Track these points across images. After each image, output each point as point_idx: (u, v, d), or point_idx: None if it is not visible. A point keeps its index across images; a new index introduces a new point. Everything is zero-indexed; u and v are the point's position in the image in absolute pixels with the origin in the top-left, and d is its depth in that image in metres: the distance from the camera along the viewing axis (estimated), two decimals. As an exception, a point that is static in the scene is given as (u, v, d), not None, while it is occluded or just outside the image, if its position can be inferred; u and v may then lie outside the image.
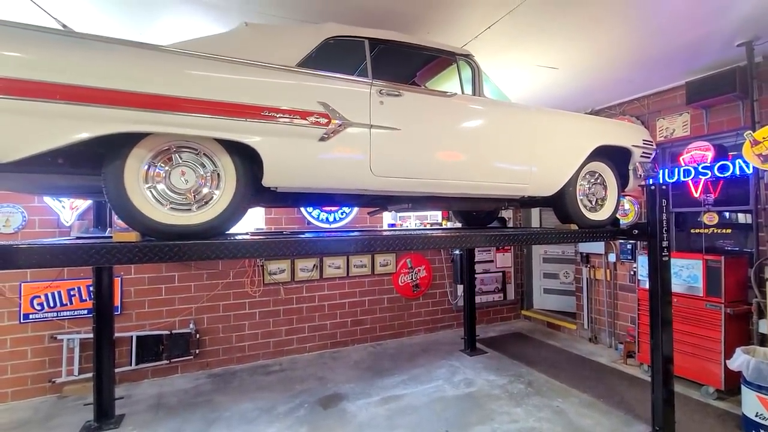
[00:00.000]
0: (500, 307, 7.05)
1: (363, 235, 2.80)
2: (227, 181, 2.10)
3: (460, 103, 2.68)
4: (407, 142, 2.42)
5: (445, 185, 2.60)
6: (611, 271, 5.54)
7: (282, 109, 2.06)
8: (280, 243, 2.22)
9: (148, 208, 1.95)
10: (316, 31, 2.40)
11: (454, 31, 3.25)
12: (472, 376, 4.65)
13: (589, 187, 3.32)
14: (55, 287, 4.32)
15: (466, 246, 5.10)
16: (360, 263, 5.83)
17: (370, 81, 2.39)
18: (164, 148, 2.00)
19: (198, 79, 1.96)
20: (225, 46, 2.16)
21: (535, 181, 2.90)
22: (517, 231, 3.36)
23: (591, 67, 4.16)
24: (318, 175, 2.21)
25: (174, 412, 3.86)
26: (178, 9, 2.81)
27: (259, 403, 4.03)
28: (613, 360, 5.07)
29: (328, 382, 4.51)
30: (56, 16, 2.76)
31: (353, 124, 2.26)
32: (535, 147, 2.89)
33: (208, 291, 4.94)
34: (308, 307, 5.51)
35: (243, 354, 5.11)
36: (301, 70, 2.20)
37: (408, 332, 6.17)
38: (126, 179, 1.90)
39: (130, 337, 4.54)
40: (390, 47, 2.71)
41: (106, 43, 1.84)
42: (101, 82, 1.79)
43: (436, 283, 6.39)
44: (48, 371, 4.24)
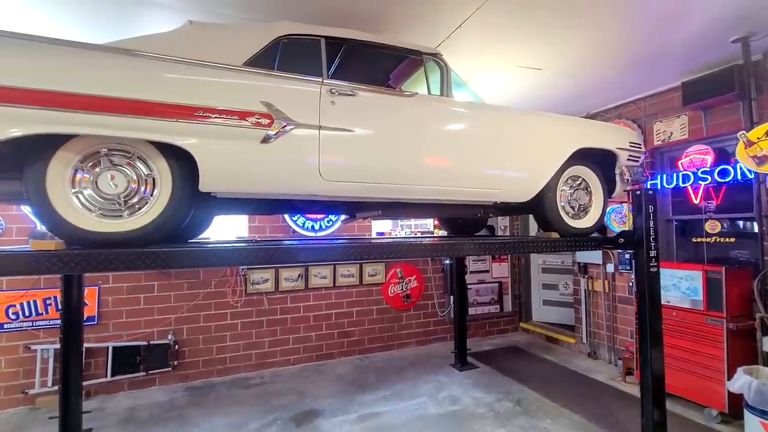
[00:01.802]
0: (497, 320, 6.79)
1: (345, 243, 2.68)
2: (163, 186, 1.98)
3: (421, 103, 2.54)
4: (360, 145, 2.28)
5: (406, 191, 2.45)
6: (610, 282, 5.27)
7: (217, 109, 1.95)
8: (243, 251, 2.10)
9: (73, 214, 1.84)
10: (267, 29, 2.29)
11: (424, 30, 3.12)
12: (459, 392, 4.42)
13: (571, 193, 3.12)
14: (31, 296, 4.26)
15: (447, 254, 4.92)
16: (347, 273, 5.67)
17: (320, 80, 2.27)
18: (93, 151, 1.89)
19: (126, 77, 1.86)
20: (168, 45, 2.07)
21: (507, 186, 2.73)
22: (494, 240, 3.18)
23: (578, 69, 3.99)
24: (260, 179, 2.08)
25: (143, 427, 3.73)
26: (135, 12, 2.75)
27: (231, 419, 3.87)
28: (612, 377, 4.77)
29: (306, 397, 4.33)
30: None
31: (300, 125, 2.13)
32: (506, 150, 2.71)
33: (188, 301, 4.84)
34: (293, 318, 5.35)
35: (224, 366, 4.97)
36: (241, 69, 2.09)
37: (398, 345, 5.96)
38: (48, 184, 1.80)
39: (106, 347, 4.44)
40: (356, 48, 2.60)
41: (28, 41, 1.75)
42: (23, 81, 1.70)
43: (427, 294, 6.18)
44: (21, 382, 4.17)
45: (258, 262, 1.97)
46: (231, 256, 2.03)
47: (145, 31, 2.70)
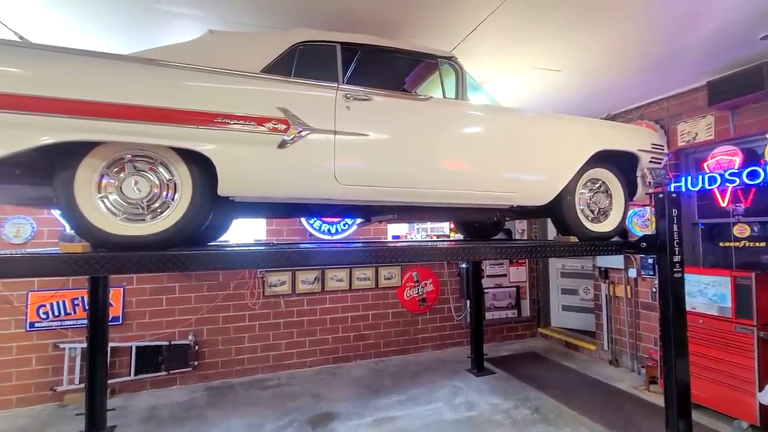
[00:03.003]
0: (514, 325, 6.68)
1: (361, 246, 2.70)
2: (183, 190, 2.04)
3: (436, 107, 2.53)
4: (376, 149, 2.30)
5: (421, 194, 2.44)
6: (632, 287, 5.12)
7: (235, 115, 1.99)
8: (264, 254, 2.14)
9: (99, 218, 1.91)
10: (284, 37, 2.34)
11: (439, 34, 3.12)
12: (475, 398, 4.36)
13: (590, 196, 3.05)
14: (60, 297, 4.43)
15: (464, 258, 4.88)
16: (363, 276, 5.69)
17: (335, 86, 2.29)
18: (118, 157, 1.96)
19: (149, 86, 1.92)
20: (190, 54, 2.13)
21: (524, 189, 2.69)
22: (512, 244, 3.13)
23: (597, 70, 3.91)
24: (277, 184, 2.11)
25: (163, 426, 3.82)
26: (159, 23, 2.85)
27: (249, 419, 3.93)
28: (634, 386, 4.63)
29: (322, 400, 4.35)
30: (14, 29, 2.85)
31: (316, 130, 2.16)
32: (523, 153, 2.68)
33: (208, 302, 4.94)
34: (309, 321, 5.40)
35: (242, 367, 5.05)
36: (260, 75, 2.13)
37: (414, 349, 5.93)
38: (76, 189, 1.87)
39: (130, 347, 4.58)
40: (371, 53, 2.62)
41: (57, 53, 1.84)
42: (52, 91, 1.79)
43: (444, 298, 6.14)
44: (51, 379, 4.33)
45: (275, 264, 2.00)
46: (248, 258, 2.07)
47: (168, 40, 2.79)
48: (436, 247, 2.59)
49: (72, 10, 2.67)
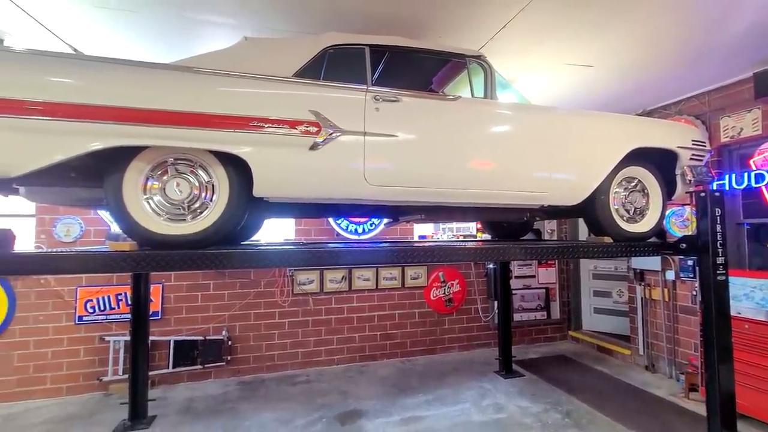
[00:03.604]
0: (543, 327, 6.53)
1: (389, 246, 2.73)
2: (221, 191, 2.14)
3: (464, 106, 2.53)
4: (405, 150, 2.32)
5: (450, 194, 2.45)
6: (670, 290, 4.90)
7: (270, 118, 2.07)
8: (286, 253, 2.22)
9: (144, 218, 2.03)
10: (315, 41, 2.40)
11: (467, 33, 3.11)
12: (504, 400, 4.31)
13: (625, 195, 2.96)
14: (105, 292, 4.71)
15: (492, 258, 4.82)
16: (390, 276, 5.72)
17: (365, 88, 2.33)
18: (162, 161, 2.08)
19: (189, 92, 2.03)
20: (226, 61, 2.23)
21: (555, 189, 2.64)
22: (542, 244, 3.08)
23: (632, 64, 3.77)
24: (309, 185, 2.18)
25: (199, 418, 3.99)
26: (197, 32, 2.99)
27: (279, 414, 4.04)
28: (673, 393, 4.43)
29: (350, 398, 4.42)
30: (69, 42, 3.05)
31: (346, 132, 2.21)
32: (554, 152, 2.63)
33: (240, 299, 5.11)
34: (337, 319, 5.48)
35: (272, 363, 5.19)
36: (292, 80, 2.20)
37: (440, 349, 5.91)
38: (124, 191, 2.00)
39: (168, 341, 4.80)
40: (398, 53, 2.65)
41: (107, 64, 1.97)
42: (102, 99, 1.92)
43: (470, 298, 6.08)
44: (97, 370, 4.60)
45: (307, 263, 2.07)
46: (282, 257, 2.14)
47: (205, 48, 2.91)
48: (464, 247, 2.59)
49: (118, 22, 2.85)
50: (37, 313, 4.46)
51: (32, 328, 4.44)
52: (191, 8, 2.69)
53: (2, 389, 4.30)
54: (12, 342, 4.37)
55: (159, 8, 2.66)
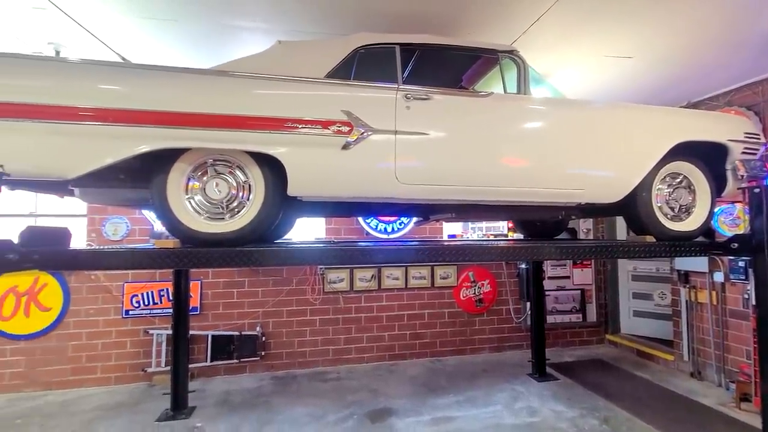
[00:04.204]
0: (579, 330, 6.31)
1: (421, 245, 2.74)
2: (257, 191, 2.21)
3: (497, 103, 2.49)
4: (436, 148, 2.31)
5: (483, 192, 2.41)
6: (718, 293, 4.61)
7: (303, 119, 2.12)
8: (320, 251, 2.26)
9: (187, 217, 2.13)
10: (346, 42, 2.43)
11: (498, 29, 3.05)
12: (537, 404, 4.20)
13: (669, 192, 2.81)
14: (149, 288, 4.97)
15: (526, 258, 4.71)
16: (419, 275, 5.71)
17: (396, 86, 2.34)
18: (202, 162, 2.17)
19: (227, 96, 2.11)
20: (261, 64, 2.31)
21: (593, 186, 2.54)
22: (579, 243, 2.98)
23: (675, 54, 3.58)
24: (341, 184, 2.21)
25: (236, 410, 4.13)
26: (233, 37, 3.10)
27: (311, 410, 4.12)
28: (722, 402, 4.17)
29: (380, 396, 4.44)
30: (118, 51, 3.23)
31: (377, 131, 2.23)
32: (591, 147, 2.54)
33: (273, 297, 5.26)
34: (366, 318, 5.53)
35: (304, 359, 5.31)
36: (324, 80, 2.24)
37: (470, 350, 5.83)
38: (168, 191, 2.11)
39: (206, 335, 5.01)
40: (428, 51, 2.64)
41: (153, 71, 2.08)
42: (147, 104, 2.03)
43: (501, 299, 5.97)
44: (142, 361, 4.87)
45: (341, 261, 2.11)
46: (316, 255, 2.19)
47: (241, 53, 3.01)
48: (498, 246, 2.54)
49: (160, 31, 3.01)
50: (89, 307, 4.78)
51: (84, 320, 4.76)
52: (227, 15, 2.79)
53: (59, 377, 4.64)
54: (67, 333, 4.70)
55: (198, 16, 2.78)
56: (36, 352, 4.62)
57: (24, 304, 4.61)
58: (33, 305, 4.64)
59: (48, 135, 1.92)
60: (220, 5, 2.68)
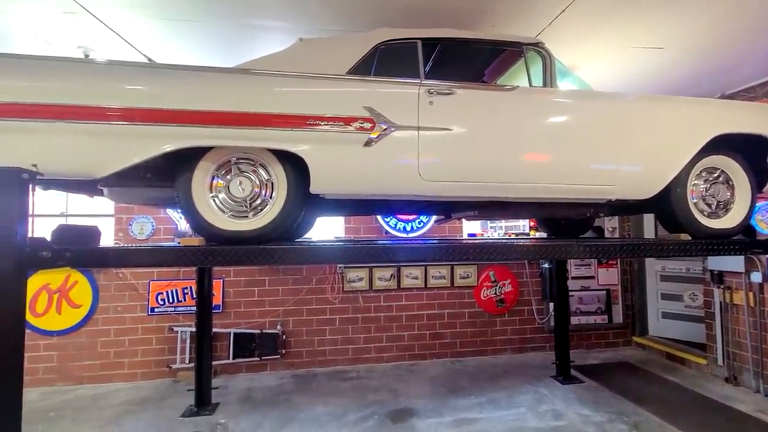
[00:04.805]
0: (604, 331, 6.12)
1: (445, 243, 2.70)
2: (279, 189, 2.21)
3: (522, 96, 2.42)
4: (460, 143, 2.26)
5: (508, 189, 2.35)
6: (756, 294, 4.38)
7: (325, 116, 2.10)
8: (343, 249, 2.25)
9: (211, 215, 2.15)
10: (367, 38, 2.41)
11: (521, 21, 2.97)
12: (562, 407, 4.08)
13: (706, 188, 2.68)
14: (174, 286, 5.07)
15: (552, 257, 4.59)
16: (438, 274, 5.64)
17: (418, 82, 2.30)
18: (225, 160, 2.19)
19: (250, 94, 2.12)
20: (283, 62, 2.31)
21: (624, 182, 2.44)
22: (609, 242, 2.87)
23: (709, 43, 3.41)
24: (363, 181, 2.19)
25: (257, 407, 4.17)
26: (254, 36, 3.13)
27: (331, 408, 4.12)
28: (761, 409, 3.96)
29: (400, 396, 4.41)
30: (144, 52, 3.29)
31: (400, 127, 2.19)
32: (623, 141, 2.44)
33: (293, 295, 5.29)
34: (386, 317, 5.50)
35: (324, 358, 5.32)
36: (346, 77, 2.22)
37: (491, 350, 5.73)
38: (193, 189, 2.13)
39: (228, 333, 5.08)
40: (450, 46, 2.60)
41: (176, 70, 2.10)
42: (172, 103, 2.05)
43: (523, 299, 5.84)
44: (167, 357, 4.97)
45: (364, 260, 2.10)
46: (341, 253, 2.18)
47: (262, 52, 3.03)
48: (523, 245, 2.47)
49: (185, 32, 3.06)
50: (116, 304, 4.91)
51: (112, 317, 4.89)
52: (249, 15, 2.81)
53: (89, 372, 4.79)
54: (96, 330, 4.84)
55: (220, 17, 2.81)
56: (67, 348, 4.78)
57: (56, 301, 4.78)
58: (64, 302, 4.80)
59: (78, 135, 1.97)
60: (242, 6, 2.71)
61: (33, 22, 2.82)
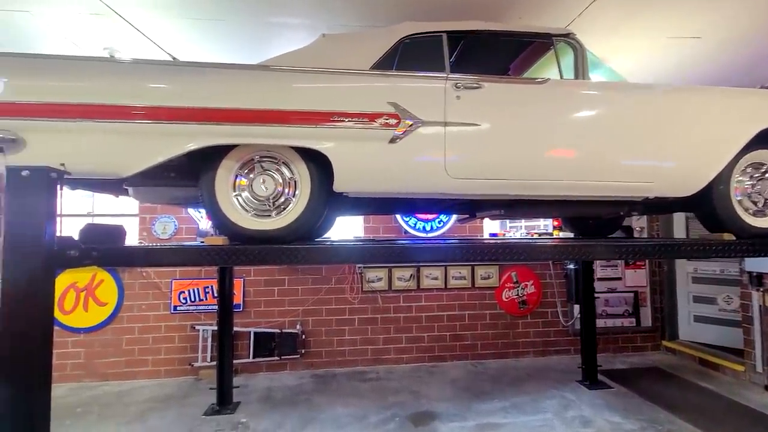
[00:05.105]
0: (632, 335, 5.90)
1: (470, 243, 2.62)
2: (302, 187, 2.17)
3: (554, 89, 2.31)
4: (488, 139, 2.18)
5: (540, 187, 2.25)
6: (800, 298, 4.13)
7: (349, 113, 2.05)
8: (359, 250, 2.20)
9: (234, 214, 2.13)
10: (391, 32, 2.35)
11: (550, 12, 2.86)
12: (590, 413, 3.93)
13: (752, 184, 2.51)
14: (195, 285, 5.13)
15: (578, 258, 4.43)
16: (459, 275, 5.54)
17: (445, 75, 2.23)
18: (249, 159, 2.16)
19: (274, 90, 2.08)
20: (306, 58, 2.27)
21: (664, 178, 2.31)
22: (644, 242, 2.73)
23: (749, 31, 3.22)
24: (388, 179, 2.13)
25: (278, 407, 4.16)
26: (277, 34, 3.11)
27: (352, 410, 4.08)
28: (806, 420, 3.73)
29: (421, 398, 4.33)
30: (168, 51, 3.31)
31: (426, 122, 2.12)
32: (663, 136, 2.30)
33: (312, 295, 5.28)
34: (405, 318, 5.43)
35: (343, 358, 5.29)
36: (369, 72, 2.17)
37: (514, 353, 5.60)
38: (217, 188, 2.11)
39: (249, 332, 5.10)
40: (475, 39, 2.51)
41: (198, 68, 2.09)
42: (194, 101, 2.04)
43: (546, 301, 5.68)
44: (189, 356, 5.03)
45: (389, 260, 2.05)
46: (363, 253, 2.13)
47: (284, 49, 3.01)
48: (551, 245, 2.36)
49: (209, 31, 3.07)
50: (140, 302, 4.99)
51: (136, 315, 4.98)
52: (271, 12, 2.80)
53: (114, 368, 4.88)
54: (121, 327, 4.93)
55: (243, 15, 2.80)
56: (94, 345, 4.88)
57: (83, 299, 4.89)
58: (91, 300, 4.90)
59: (104, 134, 1.97)
60: (265, 4, 2.70)
61: (61, 24, 2.87)
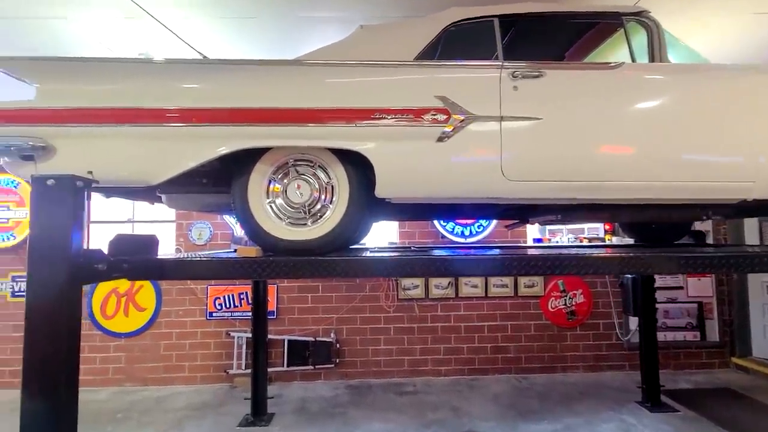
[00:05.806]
0: (696, 350, 5.32)
1: (501, 255, 2.33)
2: (340, 193, 1.98)
3: (630, 75, 1.99)
4: (551, 135, 1.89)
5: (611, 189, 1.94)
6: None
7: (392, 109, 1.84)
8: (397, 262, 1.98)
9: (268, 223, 1.96)
10: (435, 20, 2.12)
11: (614, -11, 2.53)
12: (657, 442, 3.50)
13: None
14: (230, 291, 5.09)
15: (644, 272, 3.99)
16: (500, 283, 5.20)
17: (500, 63, 1.97)
18: (283, 162, 1.99)
19: (308, 88, 1.91)
20: (343, 52, 2.09)
21: (767, 176, 1.93)
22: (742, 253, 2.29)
23: None
24: (436, 182, 1.89)
25: (313, 420, 4.01)
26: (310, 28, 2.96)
27: (390, 426, 3.86)
28: None
29: (463, 416, 4.04)
30: (200, 51, 3.23)
31: (479, 117, 1.87)
32: (767, 126, 1.93)
33: (346, 303, 5.11)
34: (443, 327, 5.15)
35: (378, 369, 5.07)
36: (414, 63, 1.94)
37: (562, 368, 5.18)
38: (249, 194, 1.95)
39: (282, 340, 5.00)
40: (529, 23, 2.23)
41: (224, 65, 1.95)
42: (224, 101, 1.89)
43: (598, 312, 5.23)
44: (224, 362, 4.99)
45: (436, 273, 1.79)
46: (407, 266, 1.89)
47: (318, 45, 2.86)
48: (602, 257, 2.02)
49: (241, 29, 2.96)
50: (177, 308, 5.01)
51: (174, 321, 4.99)
52: (304, 7, 2.65)
53: (153, 374, 4.91)
54: (159, 333, 4.96)
55: (275, 11, 2.68)
56: (134, 350, 4.94)
57: (124, 305, 4.96)
58: (131, 306, 4.97)
59: (131, 140, 1.87)
60: (297, -2, 2.54)
61: (96, 29, 2.86)
